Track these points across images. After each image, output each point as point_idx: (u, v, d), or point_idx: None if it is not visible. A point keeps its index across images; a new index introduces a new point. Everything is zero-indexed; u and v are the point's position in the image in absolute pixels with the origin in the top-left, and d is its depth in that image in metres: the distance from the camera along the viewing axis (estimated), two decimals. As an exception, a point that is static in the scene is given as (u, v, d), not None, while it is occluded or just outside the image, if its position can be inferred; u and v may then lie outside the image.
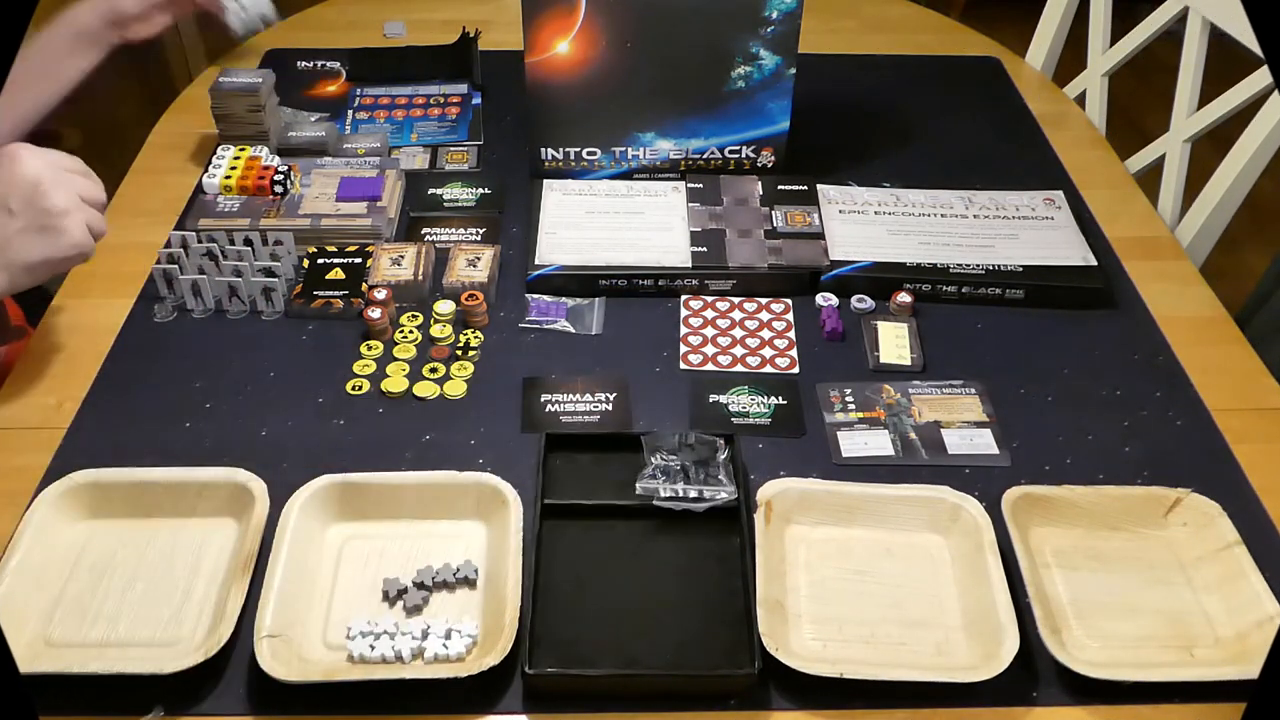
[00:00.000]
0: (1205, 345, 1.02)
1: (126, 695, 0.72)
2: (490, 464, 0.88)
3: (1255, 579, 0.78)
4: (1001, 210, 1.14)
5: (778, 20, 1.08)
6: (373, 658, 0.73)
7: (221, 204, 1.11)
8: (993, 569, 0.78)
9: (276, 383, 0.96)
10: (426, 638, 0.74)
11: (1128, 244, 1.14)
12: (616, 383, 0.96)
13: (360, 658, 0.73)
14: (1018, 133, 1.32)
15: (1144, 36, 1.33)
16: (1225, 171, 1.17)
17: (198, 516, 0.82)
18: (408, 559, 0.80)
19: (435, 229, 1.13)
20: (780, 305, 1.05)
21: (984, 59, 1.47)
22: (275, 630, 0.73)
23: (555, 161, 1.18)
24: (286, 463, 0.87)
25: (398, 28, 1.50)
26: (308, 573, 0.78)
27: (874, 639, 0.76)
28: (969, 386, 0.96)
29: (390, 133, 1.28)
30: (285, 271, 1.04)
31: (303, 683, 0.70)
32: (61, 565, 0.79)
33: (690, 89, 1.13)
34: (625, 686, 0.74)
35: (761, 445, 0.91)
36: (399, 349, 0.99)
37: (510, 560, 0.77)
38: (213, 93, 1.18)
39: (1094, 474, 0.89)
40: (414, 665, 0.73)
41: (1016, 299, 1.05)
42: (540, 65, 1.11)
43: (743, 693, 0.73)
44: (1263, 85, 1.15)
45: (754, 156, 1.19)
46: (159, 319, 1.02)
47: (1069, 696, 0.74)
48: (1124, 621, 0.78)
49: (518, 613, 0.73)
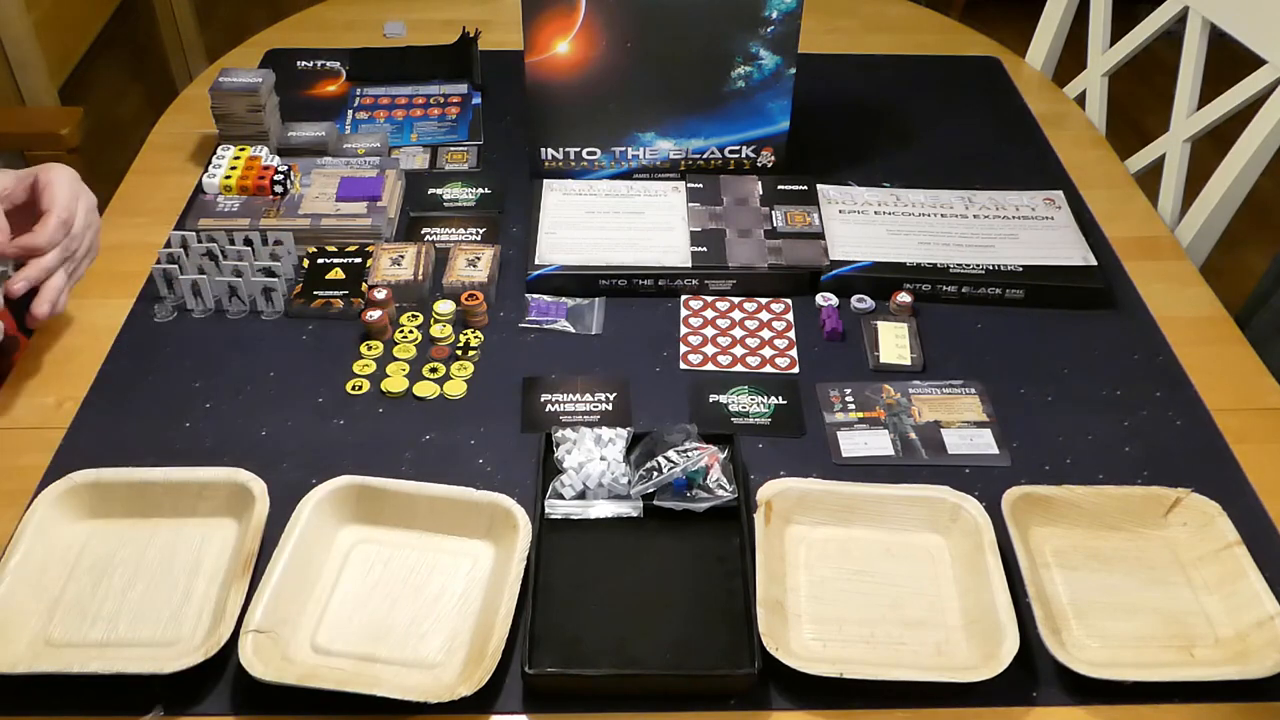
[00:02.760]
0: (1205, 345, 1.02)
1: (126, 695, 0.72)
2: (490, 464, 0.88)
3: (1255, 579, 0.78)
4: (1001, 210, 1.14)
5: (778, 20, 1.09)
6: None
7: (221, 204, 1.11)
8: (993, 569, 0.78)
9: (276, 383, 0.96)
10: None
11: (1127, 244, 1.14)
12: (616, 383, 0.96)
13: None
14: (1018, 133, 1.32)
15: (1144, 36, 1.33)
16: (1225, 171, 1.17)
17: (198, 516, 0.82)
18: (411, 571, 0.80)
19: (435, 229, 1.13)
20: (780, 305, 1.05)
21: (984, 59, 1.47)
22: (264, 626, 0.72)
23: (555, 161, 1.18)
24: (286, 463, 0.87)
25: (398, 28, 1.50)
26: (310, 572, 0.78)
27: (874, 639, 0.76)
28: (969, 386, 0.96)
29: (390, 133, 1.28)
30: (285, 271, 1.04)
31: (276, 683, 0.70)
32: (61, 565, 0.79)
33: (690, 89, 1.13)
34: (625, 686, 0.74)
35: (761, 445, 0.91)
36: (399, 349, 0.99)
37: (506, 591, 0.75)
38: (213, 93, 1.18)
39: (1094, 474, 0.89)
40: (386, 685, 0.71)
41: (1016, 299, 1.05)
42: (540, 65, 1.11)
43: (742, 693, 0.73)
44: (1263, 85, 1.15)
45: (754, 156, 1.19)
46: (159, 319, 1.02)
47: (1069, 696, 0.74)
48: (1124, 621, 0.78)
49: (502, 644, 0.72)
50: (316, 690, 0.70)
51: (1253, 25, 1.17)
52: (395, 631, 0.76)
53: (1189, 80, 1.24)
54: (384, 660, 0.74)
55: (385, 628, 0.76)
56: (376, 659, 0.74)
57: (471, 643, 0.74)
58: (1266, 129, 1.13)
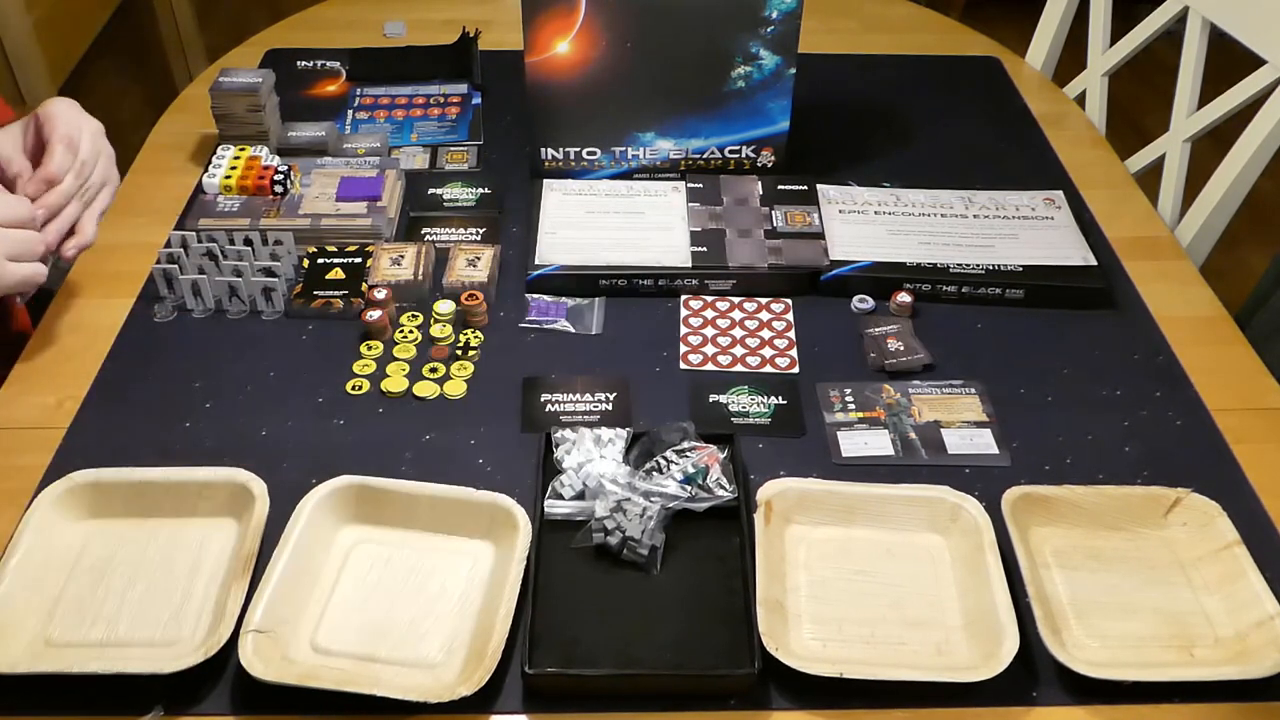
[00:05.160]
0: (1205, 345, 1.02)
1: (126, 695, 0.72)
2: (490, 464, 0.88)
3: (1255, 579, 0.78)
4: (1001, 210, 1.14)
5: (778, 20, 1.09)
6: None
7: (221, 204, 1.11)
8: (993, 569, 0.78)
9: (276, 383, 0.96)
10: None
11: (1128, 244, 1.14)
12: (616, 383, 0.96)
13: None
14: (1018, 133, 1.32)
15: (1144, 36, 1.33)
16: (1225, 171, 1.17)
17: (198, 516, 0.82)
18: (411, 571, 0.80)
19: (435, 229, 1.13)
20: (780, 305, 1.05)
21: (984, 59, 1.47)
22: (264, 626, 0.72)
23: (555, 161, 1.18)
24: (286, 463, 0.87)
25: (398, 28, 1.50)
26: (310, 572, 0.78)
27: (874, 639, 0.76)
28: (969, 386, 0.96)
29: (390, 133, 1.28)
30: (285, 271, 1.04)
31: (276, 683, 0.70)
32: (61, 565, 0.79)
33: (690, 89, 1.13)
34: (625, 686, 0.74)
35: (761, 445, 0.91)
36: (399, 349, 0.99)
37: (506, 591, 0.75)
38: (213, 93, 1.18)
39: (1094, 474, 0.89)
40: (386, 685, 0.71)
41: (1016, 299, 1.05)
42: (540, 65, 1.11)
43: (742, 693, 0.73)
44: (1263, 85, 1.15)
45: (754, 156, 1.19)
46: (159, 319, 1.02)
47: (1069, 696, 0.74)
48: (1124, 621, 0.78)
49: (502, 644, 0.72)
50: (316, 690, 0.70)
51: (1253, 25, 1.17)
52: (395, 631, 0.76)
53: (1189, 80, 1.24)
54: (384, 660, 0.74)
55: (385, 628, 0.76)
56: (376, 659, 0.74)
57: (471, 643, 0.74)
58: (1266, 129, 1.13)
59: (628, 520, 0.79)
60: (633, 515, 0.80)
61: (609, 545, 0.80)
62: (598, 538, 0.80)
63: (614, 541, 0.80)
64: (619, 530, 0.79)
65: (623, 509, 0.80)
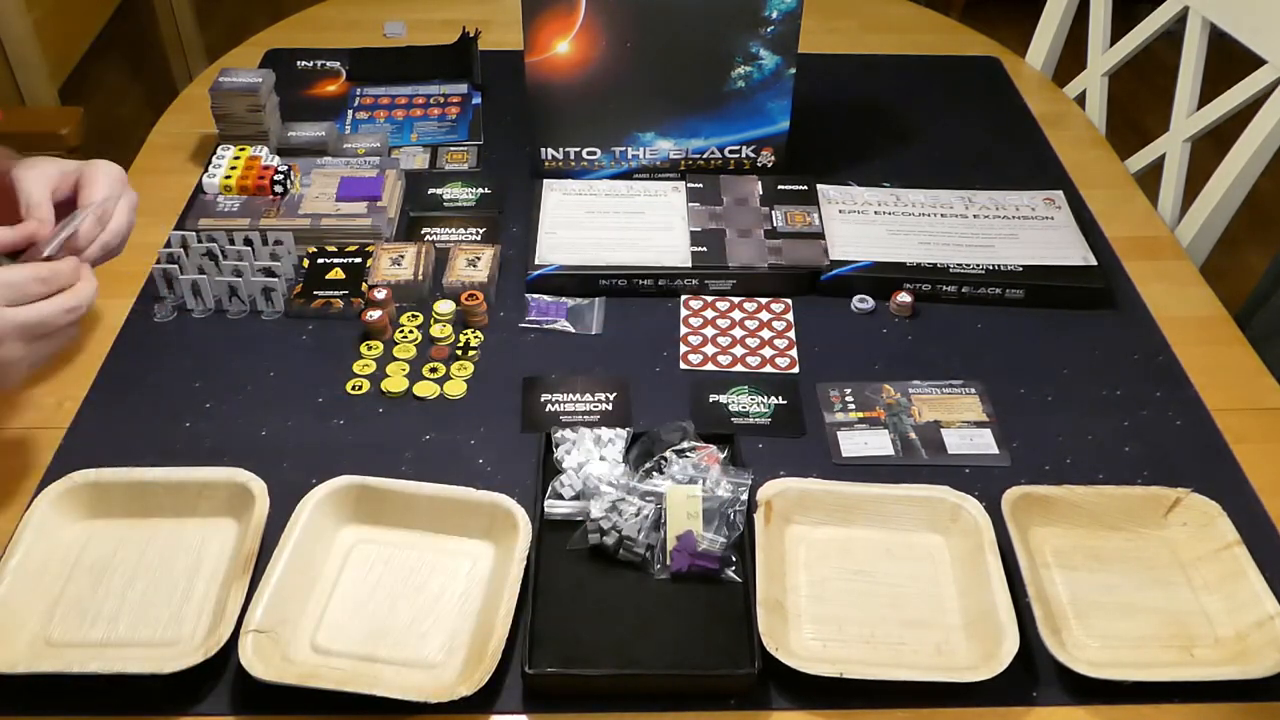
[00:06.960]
0: (1205, 345, 1.02)
1: (126, 695, 0.72)
2: (490, 464, 0.88)
3: (1255, 579, 0.78)
4: (1001, 210, 1.14)
5: (778, 20, 1.09)
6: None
7: (221, 204, 1.11)
8: (993, 569, 0.78)
9: (276, 383, 0.96)
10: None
11: (1128, 244, 1.14)
12: (616, 383, 0.96)
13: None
14: (1018, 133, 1.32)
15: (1144, 36, 1.33)
16: (1225, 171, 1.17)
17: (198, 516, 0.82)
18: (411, 571, 0.80)
19: (435, 229, 1.13)
20: (780, 305, 1.05)
21: (984, 59, 1.47)
22: (264, 626, 0.72)
23: (555, 161, 1.18)
24: (286, 463, 0.87)
25: (398, 28, 1.50)
26: (310, 572, 0.78)
27: (874, 639, 0.76)
28: (969, 386, 0.96)
29: (390, 133, 1.28)
30: (285, 271, 1.04)
31: (276, 683, 0.70)
32: (61, 565, 0.79)
33: (690, 89, 1.13)
34: (625, 686, 0.74)
35: (761, 445, 0.91)
36: (399, 349, 0.99)
37: (507, 590, 0.75)
38: (213, 93, 1.18)
39: (1094, 474, 0.89)
40: (386, 685, 0.71)
41: (1016, 299, 1.05)
42: (540, 65, 1.11)
43: (742, 693, 0.73)
44: (1263, 85, 1.15)
45: (754, 156, 1.19)
46: (159, 319, 1.02)
47: (1069, 696, 0.74)
48: (1124, 621, 0.78)
49: (502, 644, 0.72)
50: (316, 690, 0.70)
51: (1253, 25, 1.17)
52: (395, 631, 0.76)
53: (1189, 80, 1.24)
54: (384, 660, 0.74)
55: (385, 628, 0.76)
56: (376, 659, 0.74)
57: (471, 643, 0.74)
58: (1266, 129, 1.13)
59: (624, 520, 0.79)
60: (629, 515, 0.80)
61: (605, 545, 0.80)
62: (593, 538, 0.80)
63: (610, 541, 0.80)
64: (615, 530, 0.79)
65: (618, 509, 0.80)
